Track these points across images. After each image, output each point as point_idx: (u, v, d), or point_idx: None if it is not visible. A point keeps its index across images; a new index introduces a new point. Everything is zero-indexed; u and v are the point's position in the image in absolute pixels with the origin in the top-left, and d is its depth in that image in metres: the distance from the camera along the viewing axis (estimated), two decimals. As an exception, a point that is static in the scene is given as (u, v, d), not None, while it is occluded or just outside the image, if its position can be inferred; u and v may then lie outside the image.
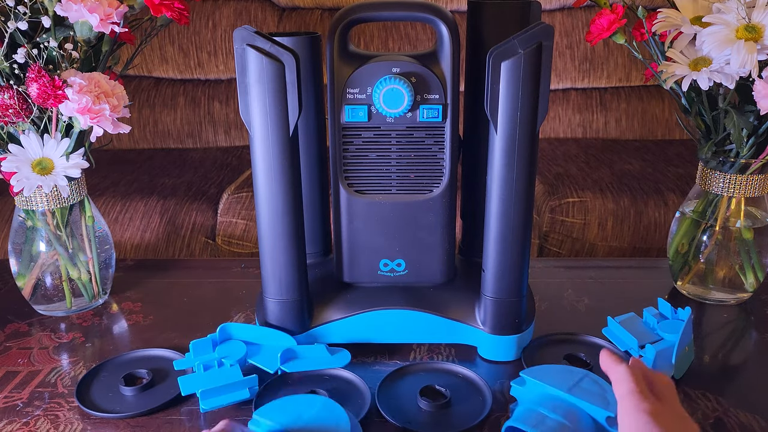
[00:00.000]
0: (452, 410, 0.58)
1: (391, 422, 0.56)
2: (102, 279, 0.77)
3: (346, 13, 0.59)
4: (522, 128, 0.56)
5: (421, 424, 0.56)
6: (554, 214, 1.32)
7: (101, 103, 0.64)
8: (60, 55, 0.66)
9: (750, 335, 0.71)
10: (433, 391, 0.60)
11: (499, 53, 0.55)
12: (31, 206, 0.71)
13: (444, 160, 0.62)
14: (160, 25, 0.73)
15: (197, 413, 0.59)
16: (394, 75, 0.59)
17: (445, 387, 0.60)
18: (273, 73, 0.55)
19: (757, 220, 0.73)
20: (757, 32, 0.63)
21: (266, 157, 0.58)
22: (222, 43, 1.76)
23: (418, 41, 1.73)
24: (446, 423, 0.57)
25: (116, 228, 1.30)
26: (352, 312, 0.65)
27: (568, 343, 0.68)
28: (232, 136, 1.77)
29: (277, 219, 0.60)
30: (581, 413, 0.51)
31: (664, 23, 0.67)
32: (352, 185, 0.64)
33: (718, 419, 0.57)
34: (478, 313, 0.65)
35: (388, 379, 0.62)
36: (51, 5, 0.65)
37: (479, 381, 0.61)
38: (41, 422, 0.58)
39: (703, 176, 0.73)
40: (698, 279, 0.76)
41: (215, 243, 1.33)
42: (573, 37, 1.74)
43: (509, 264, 0.61)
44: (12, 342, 0.70)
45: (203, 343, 0.63)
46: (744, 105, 0.68)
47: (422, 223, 0.64)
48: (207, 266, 0.89)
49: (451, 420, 0.57)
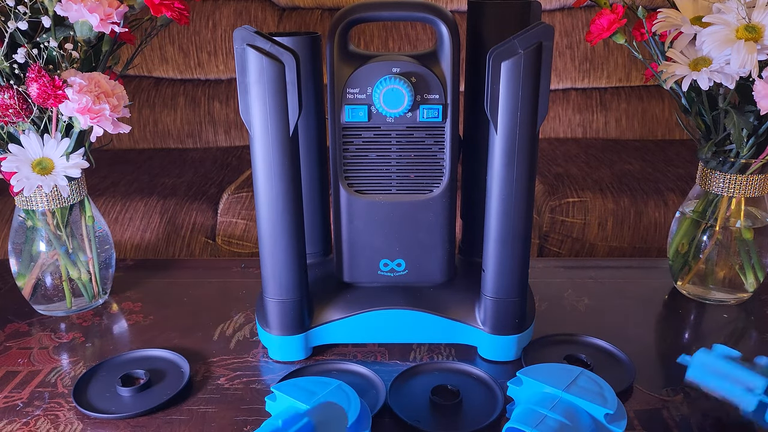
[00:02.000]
0: (464, 410, 0.58)
1: (403, 420, 0.56)
2: (102, 279, 0.77)
3: (346, 13, 0.59)
4: (522, 128, 0.56)
5: (433, 424, 0.56)
6: (554, 214, 1.32)
7: (101, 103, 0.64)
8: (60, 55, 0.66)
9: (750, 335, 0.71)
10: (445, 390, 0.60)
11: (499, 53, 0.55)
12: (31, 206, 0.71)
13: (444, 160, 0.62)
14: (160, 25, 0.73)
15: (197, 413, 0.59)
16: (394, 75, 0.59)
17: (457, 387, 0.60)
18: (273, 73, 0.55)
19: (757, 220, 0.73)
20: (757, 32, 0.63)
21: (266, 157, 0.58)
22: (222, 43, 1.76)
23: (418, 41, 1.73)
24: (458, 423, 0.57)
25: (116, 228, 1.30)
26: (352, 312, 0.65)
27: (569, 343, 0.68)
28: (232, 136, 1.77)
29: (277, 219, 0.60)
30: (580, 411, 0.51)
31: (664, 23, 0.67)
32: (352, 185, 0.64)
33: (719, 419, 0.57)
34: (478, 313, 0.65)
35: (400, 377, 0.62)
36: (51, 5, 0.65)
37: (491, 381, 0.61)
38: (41, 422, 0.58)
39: (703, 176, 0.73)
40: (698, 279, 0.76)
41: (215, 243, 1.33)
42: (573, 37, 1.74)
43: (509, 264, 0.61)
44: (12, 342, 0.70)
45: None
46: (744, 105, 0.68)
47: (422, 223, 0.64)
48: (207, 266, 0.89)
49: (462, 420, 0.57)
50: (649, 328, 0.73)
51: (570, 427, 0.49)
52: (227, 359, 0.67)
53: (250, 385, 0.63)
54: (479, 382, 0.62)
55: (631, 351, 0.65)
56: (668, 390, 0.61)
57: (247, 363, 0.66)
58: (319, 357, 0.67)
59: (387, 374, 0.62)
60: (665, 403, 0.59)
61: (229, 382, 0.63)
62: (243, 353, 0.68)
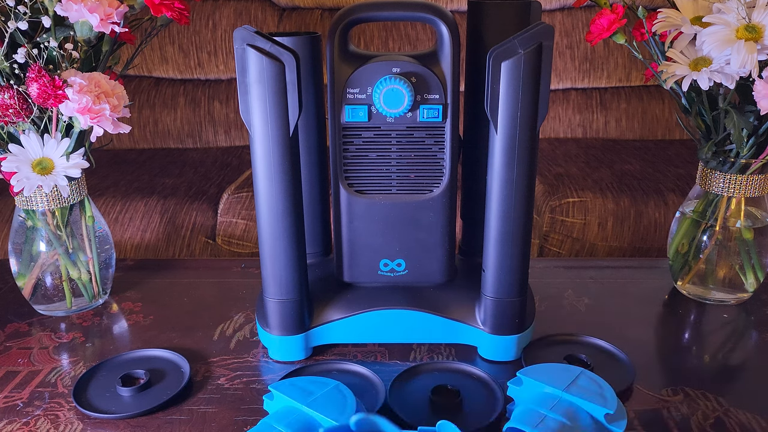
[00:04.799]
0: (464, 410, 0.58)
1: (403, 420, 0.56)
2: (102, 279, 0.77)
3: (346, 13, 0.59)
4: (522, 128, 0.56)
5: (433, 424, 0.56)
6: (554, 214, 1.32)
7: (101, 103, 0.64)
8: (60, 55, 0.66)
9: (750, 335, 0.71)
10: (445, 390, 0.60)
11: (499, 53, 0.55)
12: (31, 206, 0.71)
13: (444, 160, 0.62)
14: (160, 25, 0.73)
15: (197, 413, 0.59)
16: (394, 75, 0.59)
17: (457, 387, 0.60)
18: (273, 73, 0.55)
19: (757, 220, 0.73)
20: (757, 32, 0.63)
21: (266, 157, 0.58)
22: (222, 43, 1.76)
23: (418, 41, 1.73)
24: (458, 423, 0.57)
25: (116, 228, 1.30)
26: (352, 312, 0.65)
27: (569, 343, 0.68)
28: (232, 136, 1.77)
29: (277, 219, 0.60)
30: (580, 411, 0.51)
31: (664, 23, 0.67)
32: (352, 185, 0.64)
33: (718, 419, 0.57)
34: (478, 313, 0.65)
35: (400, 377, 0.62)
36: (51, 5, 0.65)
37: (491, 382, 0.61)
38: (41, 422, 0.58)
39: (703, 176, 0.73)
40: (698, 279, 0.76)
41: (215, 243, 1.33)
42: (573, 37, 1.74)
43: (509, 264, 0.61)
44: (12, 342, 0.70)
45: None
46: (744, 105, 0.68)
47: (422, 223, 0.64)
48: (207, 266, 0.89)
49: (463, 420, 0.57)
50: (649, 328, 0.73)
51: (570, 427, 0.49)
52: (227, 359, 0.67)
53: (250, 385, 0.63)
54: (479, 382, 0.62)
55: (631, 351, 0.65)
56: (668, 390, 0.61)
57: (247, 363, 0.66)
58: (319, 357, 0.67)
59: (387, 374, 0.62)
60: (665, 403, 0.59)
61: (229, 382, 0.63)
62: (243, 353, 0.68)
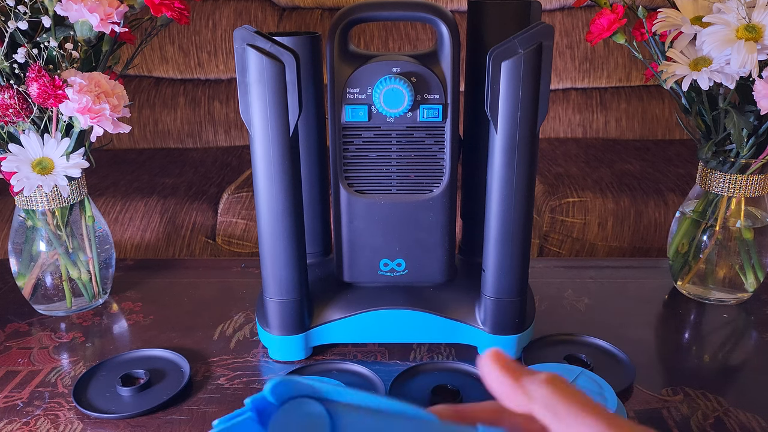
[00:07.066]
0: None
1: None
2: (102, 279, 0.77)
3: (346, 13, 0.59)
4: (522, 128, 0.56)
5: None
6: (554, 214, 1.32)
7: (101, 103, 0.64)
8: (60, 55, 0.66)
9: (750, 335, 0.71)
10: (445, 390, 0.60)
11: (499, 53, 0.55)
12: (31, 206, 0.71)
13: (444, 160, 0.62)
14: (160, 24, 0.73)
15: (197, 413, 0.59)
16: (394, 75, 0.59)
17: (457, 387, 0.60)
18: (273, 73, 0.55)
19: (757, 220, 0.73)
20: (757, 32, 0.63)
21: (266, 157, 0.58)
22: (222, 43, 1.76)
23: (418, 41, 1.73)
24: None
25: (116, 228, 1.30)
26: (352, 312, 0.65)
27: (568, 343, 0.68)
28: (232, 136, 1.77)
29: (277, 219, 0.60)
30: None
31: (664, 23, 0.67)
32: (352, 185, 0.64)
33: (718, 419, 0.57)
34: (478, 313, 0.65)
35: (400, 377, 0.62)
36: (51, 5, 0.65)
37: None
38: (41, 422, 0.58)
39: (703, 176, 0.73)
40: (698, 279, 0.76)
41: (215, 243, 1.33)
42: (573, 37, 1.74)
43: (509, 264, 0.61)
44: (12, 342, 0.70)
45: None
46: (744, 105, 0.68)
47: (422, 223, 0.64)
48: (207, 266, 0.89)
49: None
50: (649, 328, 0.73)
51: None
52: (227, 359, 0.67)
53: (250, 385, 0.63)
54: (479, 382, 0.62)
55: (631, 351, 0.65)
56: (668, 390, 0.61)
57: (247, 363, 0.66)
58: (319, 357, 0.67)
59: (387, 374, 0.62)
60: (665, 403, 0.59)
61: (229, 382, 0.63)
62: (243, 353, 0.68)
